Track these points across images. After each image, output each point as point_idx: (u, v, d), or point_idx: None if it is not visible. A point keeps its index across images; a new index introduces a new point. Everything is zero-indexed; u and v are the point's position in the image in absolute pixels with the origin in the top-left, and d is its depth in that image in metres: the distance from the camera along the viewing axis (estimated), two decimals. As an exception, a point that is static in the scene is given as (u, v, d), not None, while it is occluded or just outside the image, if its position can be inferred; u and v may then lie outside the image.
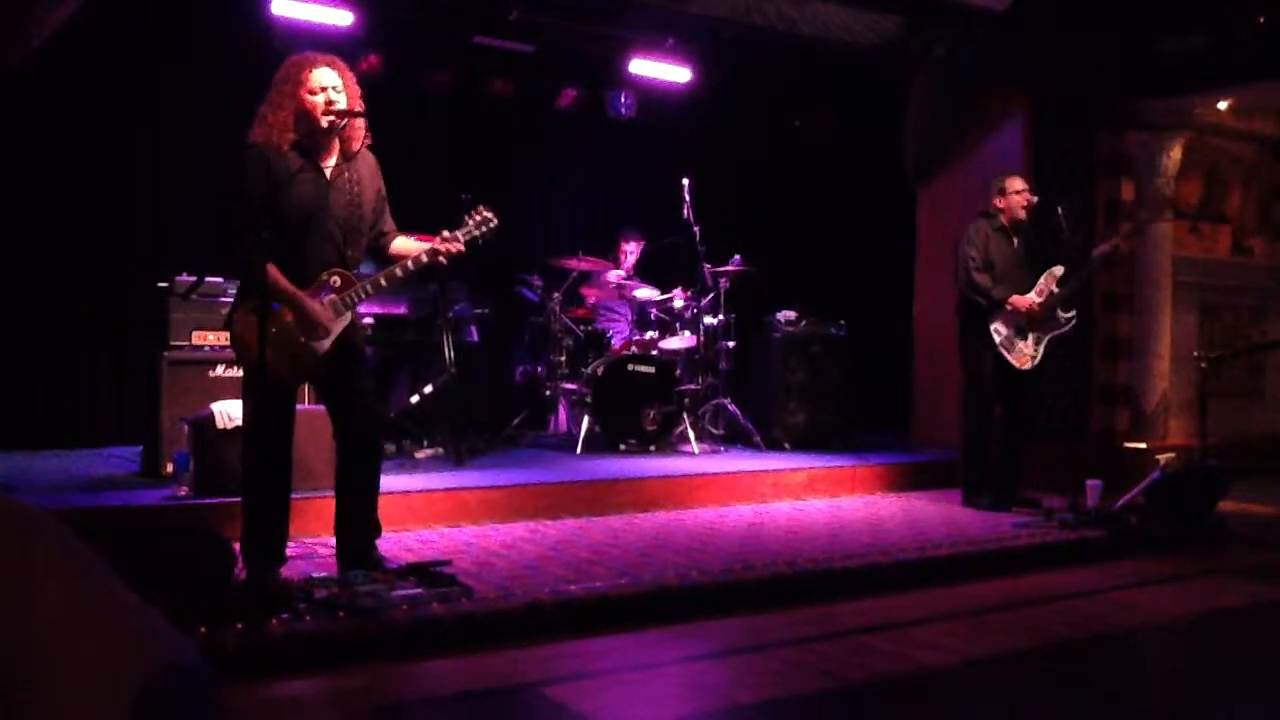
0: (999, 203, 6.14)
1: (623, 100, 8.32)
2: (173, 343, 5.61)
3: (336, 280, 3.88)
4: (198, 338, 5.66)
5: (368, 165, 4.03)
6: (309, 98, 3.80)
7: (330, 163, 3.92)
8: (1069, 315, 6.08)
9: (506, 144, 8.52)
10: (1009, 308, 5.98)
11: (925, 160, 7.91)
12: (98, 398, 6.91)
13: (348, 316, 3.93)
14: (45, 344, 6.74)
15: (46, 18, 4.70)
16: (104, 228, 6.92)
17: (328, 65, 3.86)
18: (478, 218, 4.06)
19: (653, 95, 8.33)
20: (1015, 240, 6.17)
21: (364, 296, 3.95)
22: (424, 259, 3.98)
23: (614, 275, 7.70)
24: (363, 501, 4.10)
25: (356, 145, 3.97)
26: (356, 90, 3.92)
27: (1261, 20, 7.22)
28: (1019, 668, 3.80)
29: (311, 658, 3.42)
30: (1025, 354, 6.03)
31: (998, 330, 6.01)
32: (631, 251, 7.92)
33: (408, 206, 4.46)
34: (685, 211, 7.28)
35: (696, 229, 7.27)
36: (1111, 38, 7.84)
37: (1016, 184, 6.16)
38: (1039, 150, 7.74)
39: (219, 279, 5.59)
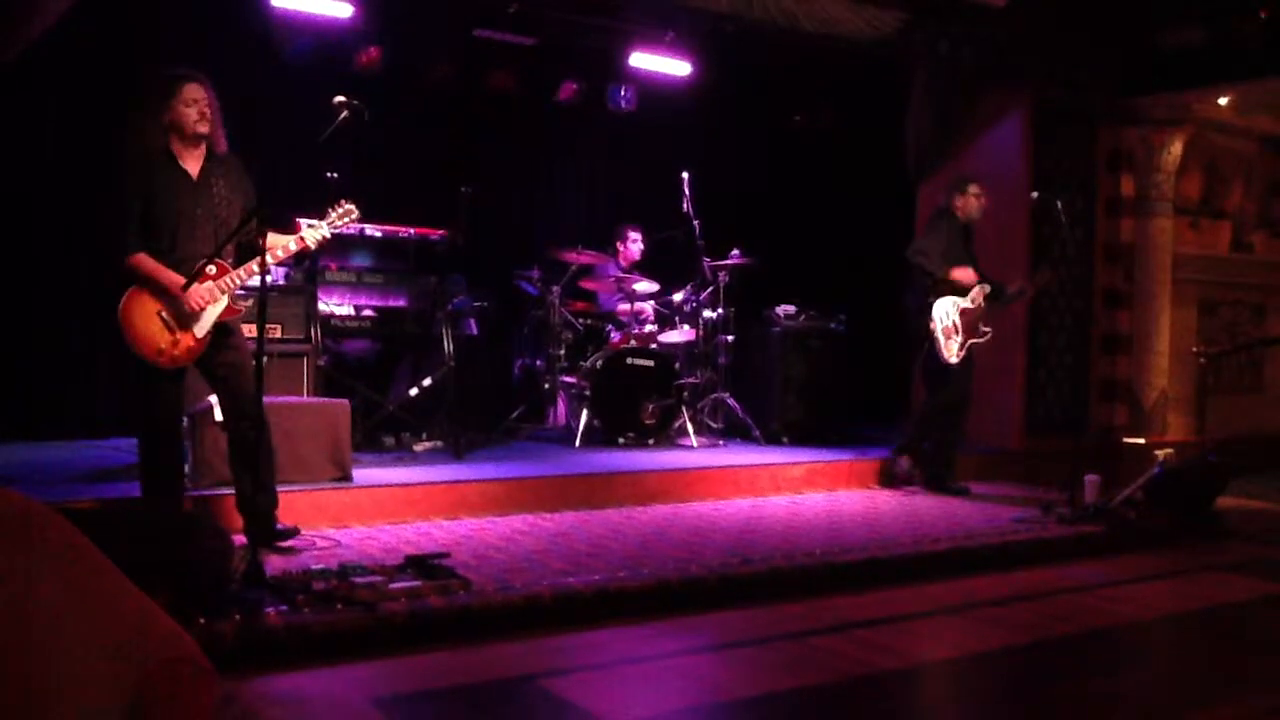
0: (958, 201, 6.45)
1: (623, 94, 8.30)
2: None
3: (213, 269, 4.25)
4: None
5: (235, 166, 4.46)
6: (184, 109, 4.23)
7: (199, 167, 4.33)
8: (986, 329, 6.37)
9: (506, 137, 8.50)
10: (954, 280, 6.27)
11: (926, 155, 7.91)
12: (98, 389, 6.90)
13: (224, 301, 4.29)
14: (45, 335, 6.74)
15: (47, 8, 4.69)
16: (103, 218, 6.90)
17: (198, 82, 4.28)
18: (340, 209, 4.54)
19: (653, 89, 8.32)
20: (965, 237, 6.49)
21: (241, 281, 4.31)
22: (293, 247, 4.44)
23: (613, 269, 7.70)
24: (256, 474, 4.29)
25: (221, 149, 4.41)
26: (217, 104, 4.33)
27: (1264, 15, 7.20)
28: (1017, 662, 3.81)
29: (310, 650, 3.43)
30: (954, 349, 6.29)
31: (941, 317, 6.28)
32: (635, 240, 7.92)
33: (407, 199, 4.53)
34: (685, 205, 7.28)
35: (696, 223, 7.27)
36: (1112, 33, 7.83)
37: (974, 187, 6.48)
38: (1039, 145, 7.74)
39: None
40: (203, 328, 4.24)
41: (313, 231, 4.46)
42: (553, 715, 3.17)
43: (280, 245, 4.40)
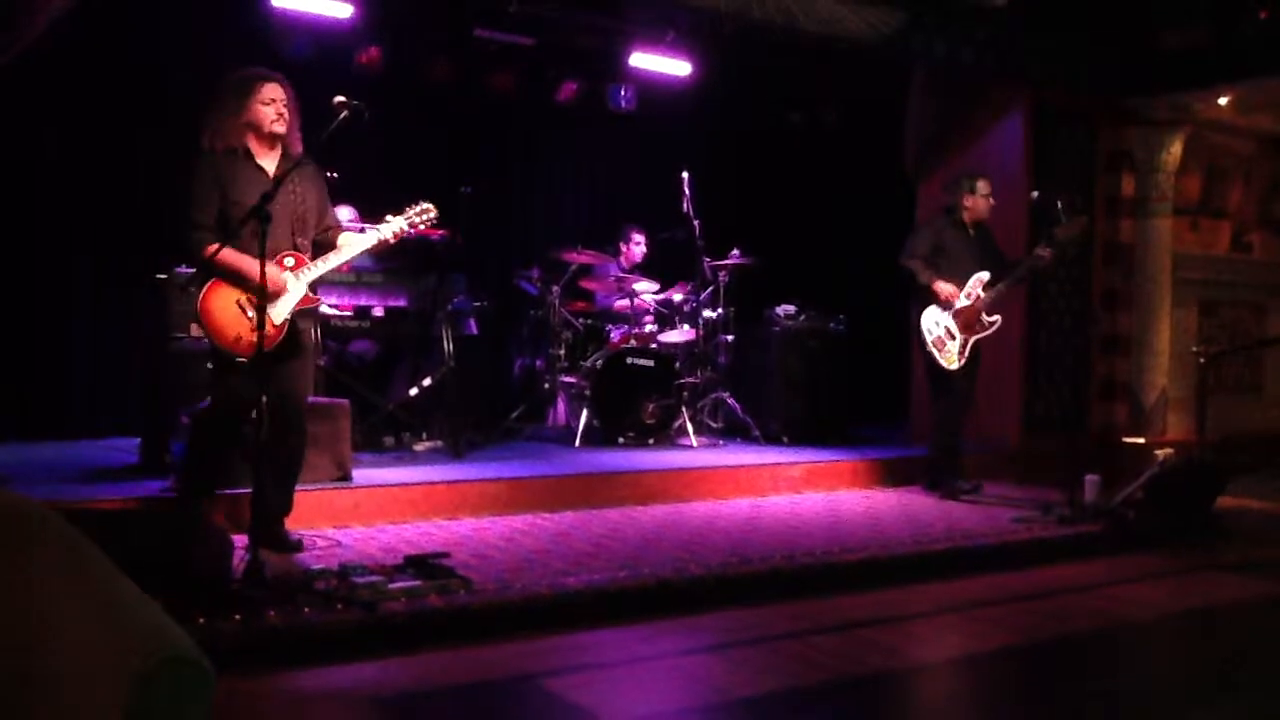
0: (966, 201, 6.38)
1: (623, 93, 8.31)
2: (172, 334, 5.61)
3: (291, 260, 4.26)
4: (197, 330, 5.64)
5: (311, 169, 4.45)
6: (261, 108, 4.26)
7: (275, 166, 4.32)
8: (992, 319, 6.26)
9: (506, 137, 8.51)
10: (934, 292, 6.19)
11: (925, 155, 7.90)
12: (97, 389, 6.91)
13: (303, 289, 4.26)
14: (45, 334, 6.75)
15: (47, 7, 4.69)
16: (104, 218, 6.91)
17: (277, 82, 4.31)
18: (418, 208, 4.49)
19: (653, 89, 8.32)
20: (973, 235, 6.41)
21: (320, 270, 4.31)
22: (371, 242, 4.40)
23: (613, 268, 7.70)
24: (281, 478, 4.39)
25: (297, 149, 4.38)
26: (295, 105, 4.36)
27: (1264, 14, 7.20)
28: (1016, 662, 3.81)
29: (310, 650, 3.43)
30: (952, 355, 6.22)
31: (929, 330, 6.23)
32: (639, 243, 7.93)
33: (407, 199, 4.53)
34: (685, 205, 7.28)
35: (696, 223, 7.27)
36: (1112, 33, 7.83)
37: (984, 186, 6.41)
38: (1039, 145, 7.74)
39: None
40: (280, 314, 4.18)
41: (389, 226, 4.40)
42: (553, 715, 3.17)
43: (356, 243, 4.38)
